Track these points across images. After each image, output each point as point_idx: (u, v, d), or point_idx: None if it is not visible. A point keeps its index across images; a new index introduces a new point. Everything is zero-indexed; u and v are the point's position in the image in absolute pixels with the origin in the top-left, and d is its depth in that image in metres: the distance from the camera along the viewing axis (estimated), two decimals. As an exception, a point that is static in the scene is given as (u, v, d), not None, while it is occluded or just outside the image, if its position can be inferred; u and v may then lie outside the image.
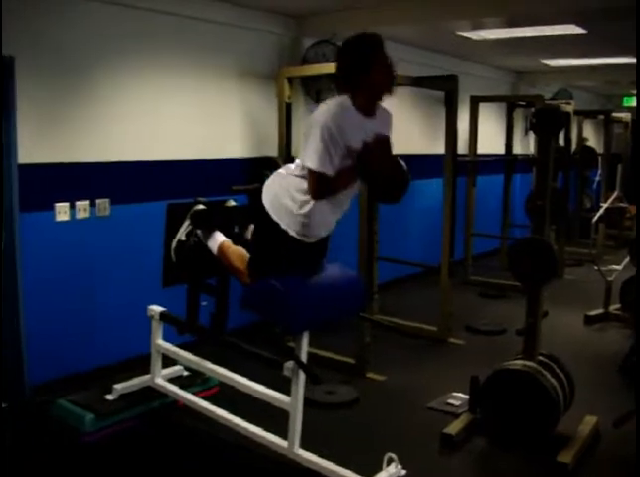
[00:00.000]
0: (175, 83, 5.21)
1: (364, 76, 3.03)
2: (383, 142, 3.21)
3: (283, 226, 3.15)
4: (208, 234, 3.68)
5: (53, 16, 4.36)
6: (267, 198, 3.20)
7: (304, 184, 3.08)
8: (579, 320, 6.61)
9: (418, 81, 5.64)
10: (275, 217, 3.16)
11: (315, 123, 2.97)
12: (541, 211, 4.01)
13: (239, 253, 3.56)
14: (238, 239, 3.72)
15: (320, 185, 3.01)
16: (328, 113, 2.97)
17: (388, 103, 3.22)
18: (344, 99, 3.06)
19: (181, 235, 3.80)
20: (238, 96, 5.76)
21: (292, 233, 3.15)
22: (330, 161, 2.96)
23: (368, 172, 3.14)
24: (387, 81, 3.09)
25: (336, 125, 2.95)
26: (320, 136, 2.93)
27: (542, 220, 4.02)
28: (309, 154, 2.96)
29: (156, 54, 5.04)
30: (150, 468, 3.69)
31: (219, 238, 3.64)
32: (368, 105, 3.11)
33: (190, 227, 3.79)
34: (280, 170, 3.29)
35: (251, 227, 3.86)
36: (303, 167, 3.06)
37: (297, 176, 3.12)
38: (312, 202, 3.08)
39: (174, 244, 3.81)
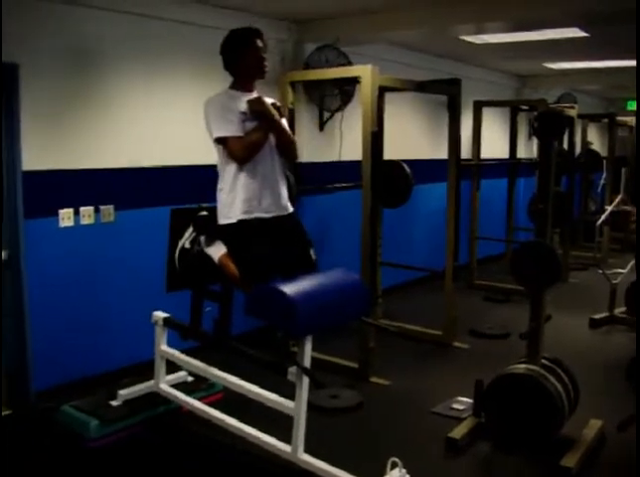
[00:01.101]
0: (179, 90, 5.23)
1: (238, 64, 3.77)
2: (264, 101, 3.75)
3: (232, 219, 3.60)
4: (210, 241, 3.71)
5: (57, 23, 4.39)
6: (219, 216, 3.71)
7: (228, 170, 3.66)
8: (584, 323, 6.60)
9: (421, 86, 5.65)
10: (224, 220, 3.63)
11: (205, 110, 3.69)
12: (543, 214, 4.01)
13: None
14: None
15: (238, 146, 3.55)
16: (210, 99, 3.71)
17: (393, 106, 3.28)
18: (218, 92, 3.76)
19: (185, 242, 3.82)
20: (241, 102, 5.77)
21: (240, 215, 3.59)
22: (233, 125, 3.57)
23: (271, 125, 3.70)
24: (258, 67, 3.78)
25: (220, 100, 3.67)
26: (213, 112, 3.61)
27: (544, 223, 4.02)
28: (215, 128, 3.60)
29: (160, 60, 5.06)
30: (155, 474, 3.70)
31: (221, 249, 3.68)
32: (246, 85, 3.80)
33: (194, 234, 3.81)
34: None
35: None
36: (219, 162, 3.73)
37: (221, 173, 3.73)
38: (236, 174, 3.62)
39: (178, 252, 3.83)
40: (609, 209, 7.31)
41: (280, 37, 6.02)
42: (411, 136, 7.89)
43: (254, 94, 3.79)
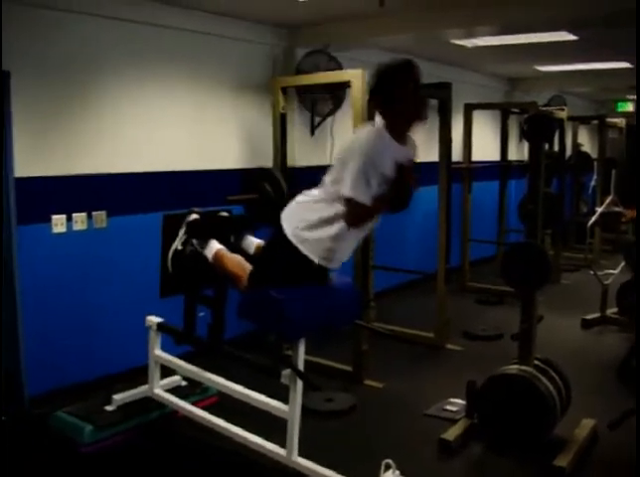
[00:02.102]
0: (170, 95, 5.24)
1: (398, 105, 3.07)
2: (413, 166, 3.25)
3: (305, 252, 3.18)
4: (204, 243, 3.71)
5: (48, 31, 4.40)
6: (289, 224, 3.23)
7: (331, 209, 3.11)
8: (576, 324, 6.63)
9: (412, 90, 5.66)
10: (297, 242, 3.18)
11: (355, 152, 2.99)
12: (533, 216, 4.04)
13: (236, 260, 3.59)
14: (234, 249, 3.75)
15: (358, 214, 3.03)
16: (368, 143, 3.00)
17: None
18: (381, 128, 3.09)
19: (177, 244, 3.82)
20: (232, 107, 5.79)
21: (314, 258, 3.19)
22: (369, 190, 2.97)
23: (399, 194, 3.18)
24: (420, 110, 3.16)
25: (376, 154, 2.98)
26: (361, 166, 2.94)
27: (535, 224, 4.05)
28: (349, 183, 2.96)
29: (151, 66, 5.08)
30: (149, 478, 3.70)
31: (214, 247, 3.68)
32: (402, 133, 3.15)
33: (185, 236, 3.81)
34: (300, 197, 3.31)
35: (250, 239, 3.89)
36: (329, 193, 3.11)
37: (323, 202, 3.17)
38: (340, 227, 3.11)
39: (171, 254, 3.83)
40: (600, 210, 7.35)
41: (272, 42, 6.04)
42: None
43: (408, 149, 3.22)
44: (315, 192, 3.26)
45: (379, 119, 3.14)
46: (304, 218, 3.21)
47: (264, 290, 3.27)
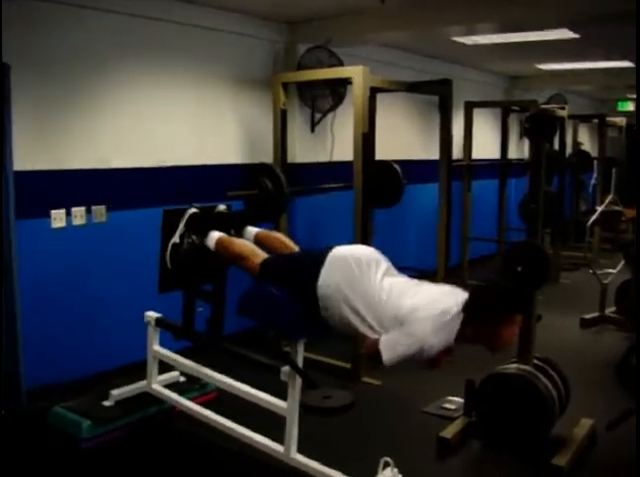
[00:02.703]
0: (170, 90, 5.23)
1: (489, 329, 2.94)
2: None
3: (321, 305, 3.07)
4: (204, 236, 3.71)
5: (48, 24, 4.38)
6: (326, 280, 3.05)
7: (373, 320, 2.99)
8: (575, 323, 6.63)
9: (413, 87, 5.67)
10: (320, 297, 3.06)
11: (418, 336, 2.87)
12: (534, 214, 4.03)
13: (243, 242, 3.59)
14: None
15: (375, 357, 2.97)
16: (434, 338, 2.87)
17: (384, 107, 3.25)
18: (455, 320, 2.90)
19: (175, 237, 3.81)
20: (233, 103, 5.78)
21: (322, 314, 3.11)
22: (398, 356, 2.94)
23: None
24: (506, 341, 2.98)
25: (429, 346, 2.88)
26: (412, 350, 2.90)
27: (535, 223, 4.04)
28: (390, 349, 2.91)
29: (151, 61, 5.06)
30: (147, 474, 3.70)
31: (215, 235, 3.67)
32: (467, 340, 2.99)
33: (184, 229, 3.80)
34: (355, 267, 3.08)
35: (249, 229, 3.88)
36: (380, 317, 2.98)
37: (371, 303, 3.00)
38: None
39: (169, 249, 3.83)
40: (600, 209, 7.35)
41: (272, 38, 6.03)
42: (403, 137, 7.90)
43: None
44: (373, 280, 3.07)
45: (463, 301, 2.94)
46: (352, 297, 3.00)
47: (264, 287, 3.26)
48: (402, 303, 2.97)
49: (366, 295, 3.00)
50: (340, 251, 3.14)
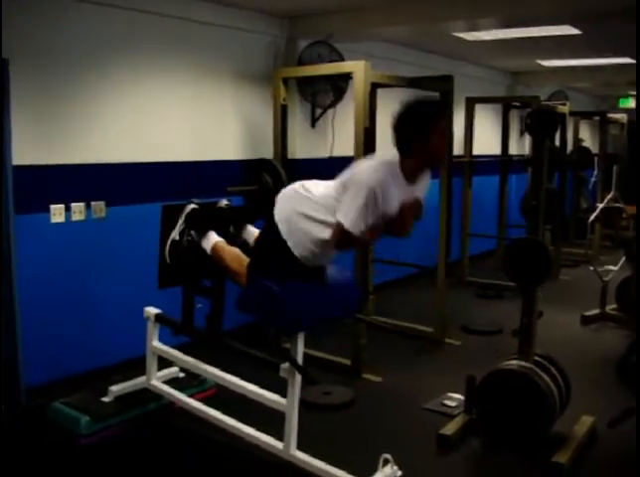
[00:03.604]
0: (170, 85, 5.21)
1: (421, 144, 3.02)
2: (418, 205, 3.26)
3: (290, 244, 3.19)
4: (202, 234, 3.69)
5: (47, 18, 4.36)
6: (281, 214, 3.24)
7: (326, 216, 3.11)
8: (576, 320, 6.62)
9: (414, 82, 5.64)
10: (285, 235, 3.20)
11: (361, 184, 2.97)
12: (535, 211, 4.01)
13: (234, 254, 3.57)
14: (233, 240, 3.73)
15: (347, 241, 3.07)
16: (377, 178, 2.98)
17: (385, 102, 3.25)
18: (393, 164, 3.07)
19: (175, 234, 3.79)
20: (233, 98, 5.76)
21: (296, 254, 3.20)
22: (364, 224, 3.00)
23: (395, 229, 3.23)
24: (442, 152, 3.18)
25: (382, 192, 2.97)
26: (363, 200, 2.95)
27: (536, 220, 4.02)
28: (347, 213, 2.98)
29: (151, 56, 5.04)
30: (146, 470, 3.69)
31: (213, 239, 3.66)
32: (416, 172, 3.14)
33: (183, 226, 3.79)
34: (298, 187, 3.29)
35: (250, 229, 3.87)
36: (329, 204, 3.11)
37: (321, 206, 3.15)
38: (327, 237, 3.12)
39: (168, 245, 3.81)
40: (601, 206, 7.34)
41: (273, 33, 6.01)
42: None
43: (415, 188, 3.21)
44: (316, 190, 3.23)
45: (395, 155, 3.10)
46: (297, 214, 3.20)
47: (264, 283, 3.25)
48: (337, 183, 3.15)
49: (310, 200, 3.19)
50: (282, 190, 3.41)
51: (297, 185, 3.32)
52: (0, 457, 3.75)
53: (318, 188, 3.24)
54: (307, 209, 3.18)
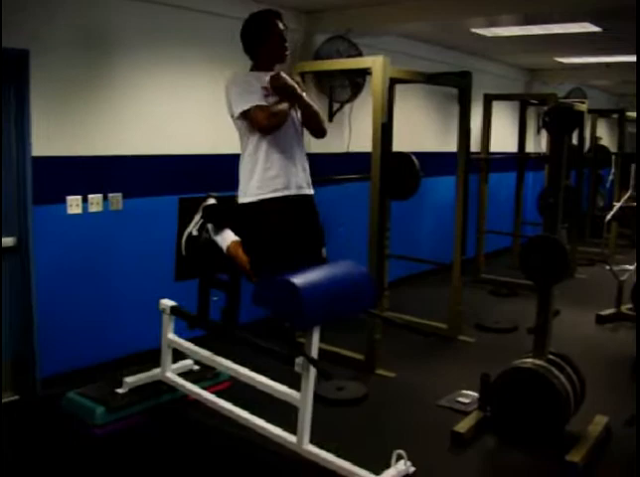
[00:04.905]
0: (189, 78, 5.22)
1: (259, 48, 3.64)
2: (279, 76, 3.57)
3: (253, 197, 3.47)
4: (218, 230, 3.70)
5: (67, 10, 4.37)
6: (238, 194, 3.59)
7: (246, 148, 3.55)
8: (591, 319, 6.58)
9: (432, 78, 5.62)
10: (244, 198, 3.50)
11: (226, 87, 3.53)
12: (553, 209, 3.99)
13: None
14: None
15: (262, 115, 3.37)
16: (231, 77, 3.58)
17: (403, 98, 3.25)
18: (244, 71, 3.67)
19: (192, 229, 3.80)
20: (250, 92, 5.75)
21: (265, 194, 3.47)
22: (256, 96, 3.42)
23: (291, 99, 3.52)
24: (279, 51, 3.66)
25: (241, 76, 3.56)
26: (234, 87, 3.48)
27: (554, 218, 4.00)
28: (237, 102, 3.44)
29: (170, 49, 5.05)
30: (159, 462, 3.70)
31: (228, 238, 3.66)
32: (265, 68, 3.65)
33: (201, 221, 3.79)
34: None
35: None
36: (241, 135, 3.58)
37: (244, 150, 3.59)
38: (260, 149, 3.49)
39: (184, 238, 3.82)
40: (618, 205, 7.28)
41: (291, 27, 5.96)
42: (421, 128, 7.87)
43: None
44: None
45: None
46: (244, 175, 3.57)
47: (279, 277, 3.25)
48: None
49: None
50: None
51: None
52: (15, 445, 3.78)
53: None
54: (244, 166, 3.59)
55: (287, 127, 3.55)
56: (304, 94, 3.59)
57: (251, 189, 3.48)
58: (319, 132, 3.77)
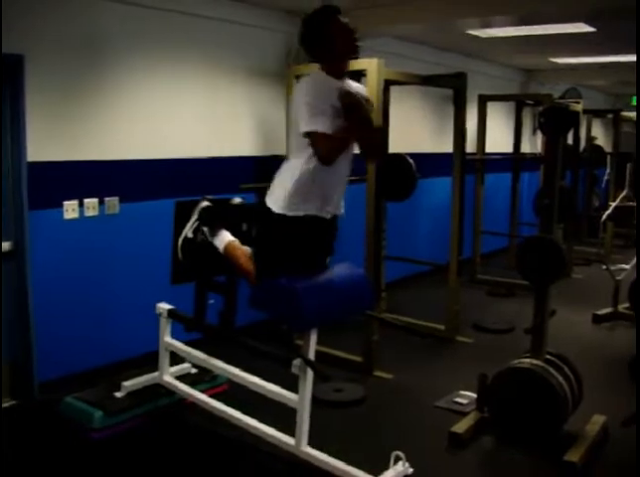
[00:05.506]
0: (184, 82, 5.22)
1: (330, 45, 3.29)
2: (366, 100, 3.42)
3: (296, 212, 3.26)
4: (215, 232, 3.70)
5: (62, 14, 4.38)
6: (270, 196, 3.34)
7: (299, 160, 3.26)
8: (588, 319, 6.59)
9: (427, 80, 5.63)
10: (272, 204, 3.29)
11: (301, 96, 3.20)
12: (549, 209, 4.00)
13: (247, 255, 3.58)
14: (246, 238, 3.72)
15: (325, 145, 3.14)
16: (306, 85, 3.26)
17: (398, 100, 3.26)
18: (315, 73, 3.37)
19: (188, 231, 3.80)
20: (246, 95, 5.76)
21: (307, 212, 3.28)
22: (324, 120, 3.13)
23: (359, 124, 3.28)
24: (350, 47, 3.33)
25: (315, 90, 3.20)
26: (309, 101, 3.15)
27: (550, 218, 4.01)
28: (305, 119, 3.15)
29: (165, 52, 5.05)
30: (158, 465, 3.70)
31: (225, 238, 3.66)
32: (337, 70, 3.35)
33: (197, 223, 3.79)
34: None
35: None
36: (296, 147, 3.30)
37: (293, 158, 3.33)
38: (313, 170, 3.23)
39: (180, 241, 3.82)
40: (614, 204, 7.30)
41: (286, 30, 6.00)
42: (417, 130, 7.88)
43: (346, 82, 3.41)
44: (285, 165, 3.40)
45: (316, 68, 3.39)
46: (277, 180, 3.36)
47: (276, 279, 3.25)
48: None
49: (282, 166, 3.43)
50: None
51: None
52: (13, 450, 3.77)
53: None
54: (286, 174, 3.33)
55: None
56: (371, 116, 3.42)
57: (287, 202, 3.26)
58: (373, 158, 3.77)
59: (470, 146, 7.24)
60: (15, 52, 4.09)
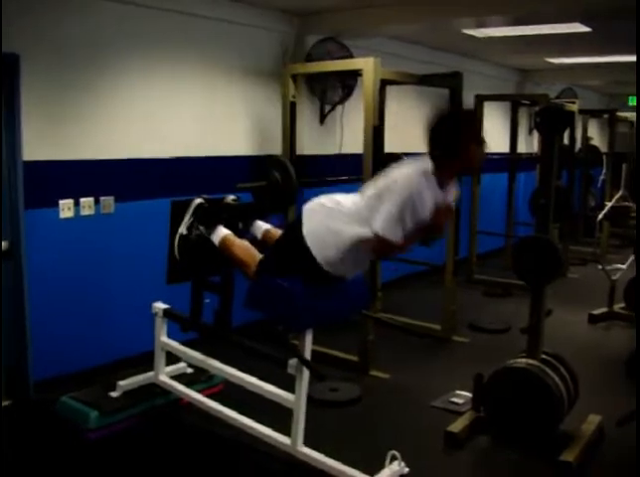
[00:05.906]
0: (179, 81, 5.21)
1: (453, 159, 3.11)
2: (449, 210, 3.31)
3: (314, 253, 3.17)
4: (211, 229, 3.69)
5: (58, 14, 4.37)
6: (308, 225, 3.22)
7: (356, 228, 3.11)
8: (583, 319, 6.60)
9: (423, 79, 5.63)
10: (311, 246, 3.17)
11: (397, 192, 3.00)
12: (545, 209, 4.00)
13: (244, 246, 3.58)
14: (242, 235, 3.72)
15: (386, 249, 3.12)
16: (412, 184, 3.02)
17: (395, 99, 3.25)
18: (428, 172, 3.10)
19: (183, 229, 3.79)
20: (242, 94, 5.76)
21: (321, 262, 3.18)
22: (402, 230, 3.02)
23: (430, 233, 3.27)
24: (476, 162, 3.23)
25: (418, 199, 3.02)
26: (399, 207, 2.98)
27: (546, 218, 4.01)
28: (383, 221, 2.99)
29: (160, 52, 5.04)
30: (153, 465, 3.69)
31: (222, 232, 3.66)
32: (448, 180, 3.20)
33: (191, 220, 3.78)
34: (329, 203, 3.26)
35: (259, 223, 3.86)
36: (361, 216, 3.11)
37: (351, 218, 3.15)
38: (354, 246, 3.14)
39: (177, 240, 3.81)
40: (610, 204, 7.31)
41: (282, 29, 6.00)
42: (413, 129, 7.86)
43: (450, 189, 3.26)
44: (344, 202, 3.23)
45: (427, 160, 3.13)
46: (324, 227, 3.19)
47: (272, 280, 3.25)
48: (371, 193, 3.15)
49: (341, 213, 3.18)
50: (308, 204, 3.36)
51: (324, 198, 3.31)
52: (9, 451, 3.76)
53: (347, 200, 3.24)
54: (338, 220, 3.17)
55: None
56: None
57: (327, 261, 3.18)
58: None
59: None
60: (10, 51, 4.08)
